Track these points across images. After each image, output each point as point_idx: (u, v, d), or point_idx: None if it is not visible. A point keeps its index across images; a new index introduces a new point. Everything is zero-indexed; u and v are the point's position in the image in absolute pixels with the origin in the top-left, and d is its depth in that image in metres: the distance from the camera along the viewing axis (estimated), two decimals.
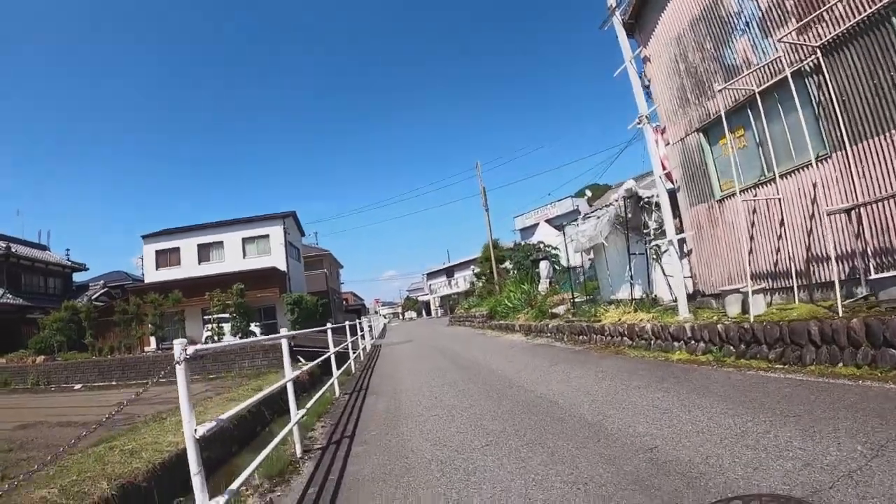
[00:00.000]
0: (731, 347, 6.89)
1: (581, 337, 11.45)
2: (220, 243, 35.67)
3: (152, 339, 29.41)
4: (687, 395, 5.32)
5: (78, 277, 42.43)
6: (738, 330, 6.80)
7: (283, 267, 34.95)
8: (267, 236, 36.00)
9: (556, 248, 22.48)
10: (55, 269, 38.56)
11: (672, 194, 9.37)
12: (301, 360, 24.65)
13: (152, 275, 34.92)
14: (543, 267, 17.15)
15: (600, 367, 8.03)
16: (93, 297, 37.33)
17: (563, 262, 19.84)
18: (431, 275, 79.00)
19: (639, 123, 9.28)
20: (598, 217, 12.42)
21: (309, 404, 6.76)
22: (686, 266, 9.47)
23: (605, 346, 10.09)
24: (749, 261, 7.93)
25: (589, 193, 41.36)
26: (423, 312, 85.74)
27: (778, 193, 7.52)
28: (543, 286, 16.49)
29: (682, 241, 9.55)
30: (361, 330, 20.49)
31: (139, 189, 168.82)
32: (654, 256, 10.70)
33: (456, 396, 7.31)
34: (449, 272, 72.30)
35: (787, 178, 7.46)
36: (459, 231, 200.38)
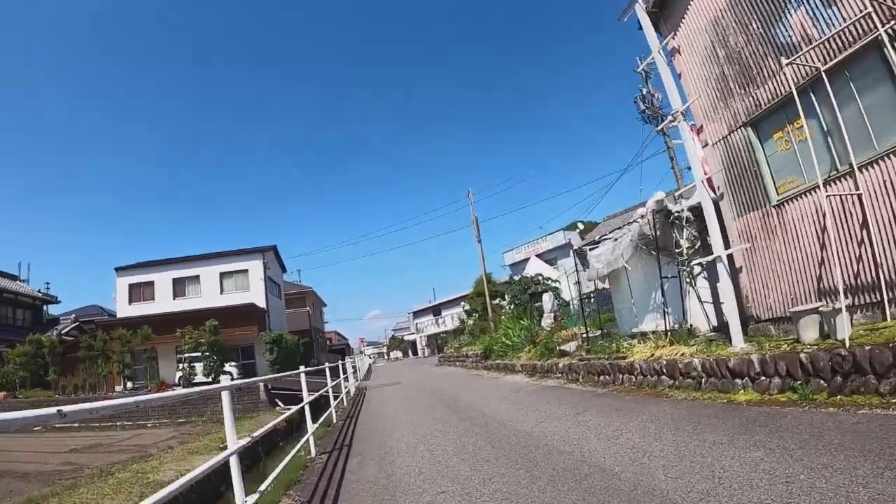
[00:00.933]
0: (822, 381, 5.37)
1: (602, 377, 9.83)
2: (197, 277, 34.02)
3: (122, 379, 27.17)
4: (799, 451, 3.78)
5: (53, 311, 40.23)
6: (831, 358, 5.28)
7: (262, 303, 33.07)
8: (246, 271, 34.30)
9: (555, 281, 21.02)
10: (25, 301, 36.72)
11: (715, 204, 7.98)
12: (280, 404, 22.56)
13: (125, 309, 33.11)
14: (547, 300, 15.63)
15: (645, 414, 6.39)
16: (63, 332, 35.52)
17: (564, 296, 18.33)
18: (418, 313, 76.86)
19: (672, 122, 7.97)
20: (617, 239, 10.98)
21: (274, 473, 5.00)
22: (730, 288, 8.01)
23: (637, 387, 8.48)
24: (821, 274, 6.48)
25: (581, 227, 40.23)
26: (410, 352, 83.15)
27: (858, 189, 6.15)
28: (547, 321, 14.94)
29: (727, 259, 8.11)
30: (345, 372, 18.64)
31: (123, 221, 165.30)
32: (688, 280, 9.21)
33: (466, 460, 5.57)
34: (436, 310, 70.28)
35: (868, 169, 6.10)
36: (445, 269, 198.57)
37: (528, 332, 16.19)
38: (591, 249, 11.68)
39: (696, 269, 9.12)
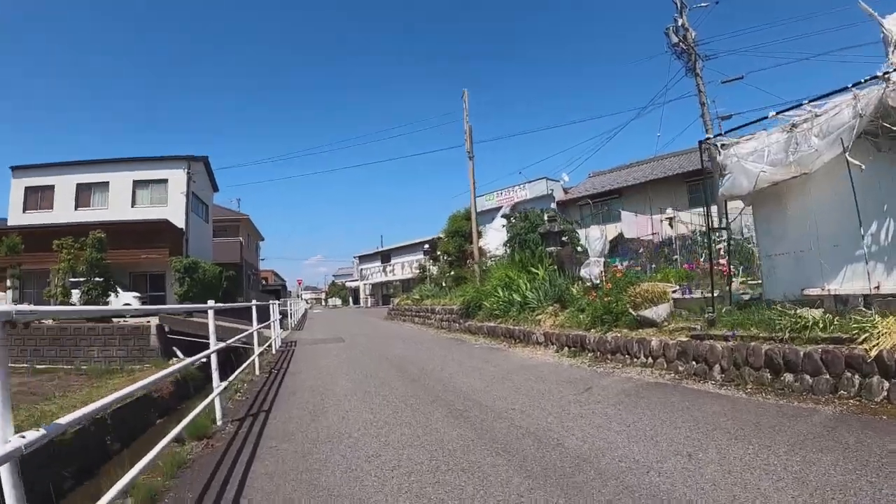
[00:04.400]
0: None
1: (786, 377, 4.82)
2: (105, 185, 27.63)
3: None
4: None
5: None
6: None
7: (180, 222, 26.54)
8: (165, 181, 27.83)
9: (571, 223, 15.87)
10: None
11: None
12: (179, 354, 16.70)
13: (18, 216, 26.84)
14: (596, 237, 10.29)
15: None
16: None
17: (583, 243, 13.18)
18: (364, 258, 70.76)
19: None
20: (796, 125, 5.71)
21: None
22: None
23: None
24: None
25: (566, 179, 34.89)
26: (351, 300, 77.43)
27: None
28: (595, 269, 9.70)
29: None
30: (283, 315, 13.15)
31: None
32: None
33: None
34: (385, 256, 64.48)
35: None
36: (398, 214, 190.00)
37: (549, 286, 10.97)
38: (726, 146, 6.30)
39: None
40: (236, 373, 7.00)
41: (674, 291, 7.88)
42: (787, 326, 5.34)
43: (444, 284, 23.74)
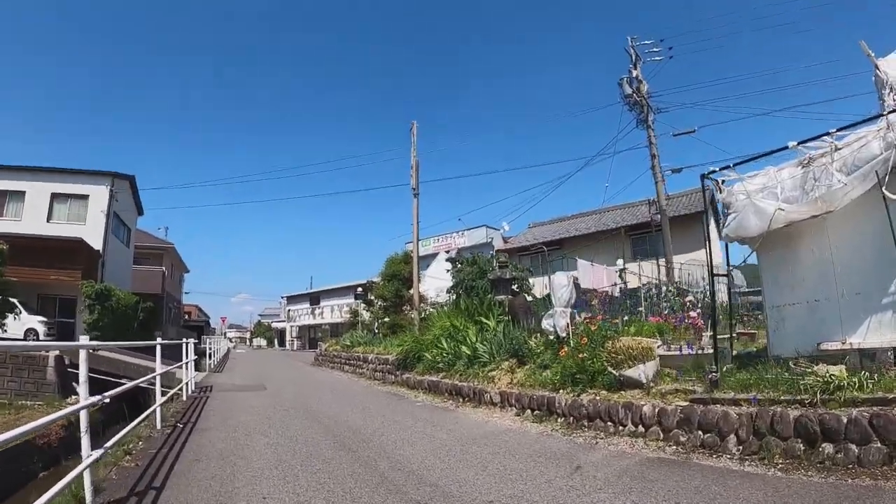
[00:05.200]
0: None
1: (853, 453, 3.89)
2: (21, 194, 24.58)
3: None
4: None
5: None
6: None
7: (98, 244, 23.90)
8: (86, 197, 25.07)
9: (522, 272, 14.89)
10: None
11: None
12: (81, 392, 13.93)
13: None
14: (561, 284, 8.91)
15: None
16: None
17: (541, 291, 12.18)
18: (292, 299, 67.20)
19: None
20: (812, 160, 4.98)
21: None
22: None
23: None
24: None
25: (507, 227, 34.41)
26: (276, 342, 72.93)
27: None
28: (561, 321, 8.42)
29: None
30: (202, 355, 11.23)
31: None
32: None
33: None
34: (314, 299, 61.47)
35: None
36: (329, 256, 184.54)
37: (503, 339, 9.74)
38: (729, 182, 5.48)
39: None
40: (126, 429, 5.25)
41: (658, 347, 6.87)
42: (816, 387, 4.39)
43: (377, 331, 22.00)
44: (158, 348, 8.02)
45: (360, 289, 34.80)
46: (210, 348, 22.43)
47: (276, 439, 6.36)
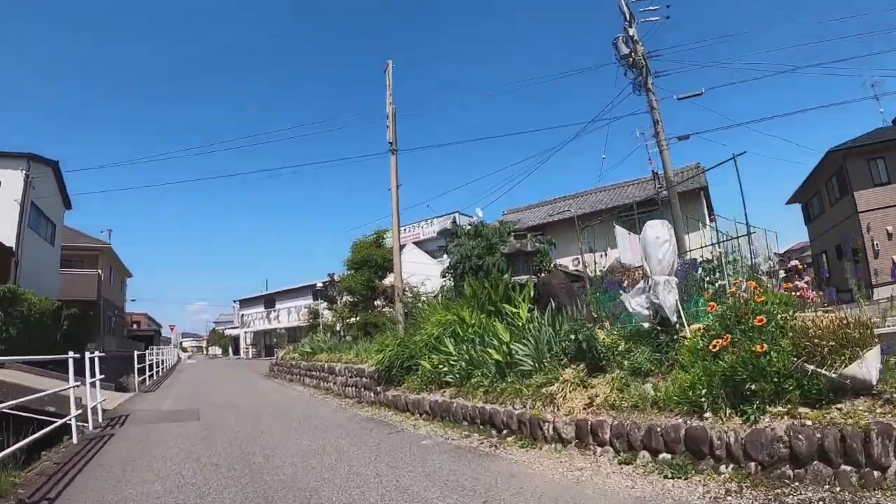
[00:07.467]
0: None
1: None
2: None
3: None
4: None
5: None
6: None
7: (10, 239, 19.36)
8: None
9: (545, 244, 11.80)
10: None
11: None
12: None
13: None
14: (662, 239, 5.55)
15: None
16: None
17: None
18: (245, 303, 62.28)
19: None
20: None
21: None
22: None
23: None
24: None
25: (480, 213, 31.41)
26: (231, 350, 67.69)
27: None
28: (666, 297, 5.28)
29: None
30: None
31: None
32: None
33: None
34: (269, 301, 56.95)
35: None
36: (285, 258, 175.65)
37: (556, 334, 6.57)
38: None
39: None
40: None
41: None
42: None
43: (342, 333, 18.43)
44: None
45: (319, 284, 30.95)
46: (155, 360, 18.54)
47: None
